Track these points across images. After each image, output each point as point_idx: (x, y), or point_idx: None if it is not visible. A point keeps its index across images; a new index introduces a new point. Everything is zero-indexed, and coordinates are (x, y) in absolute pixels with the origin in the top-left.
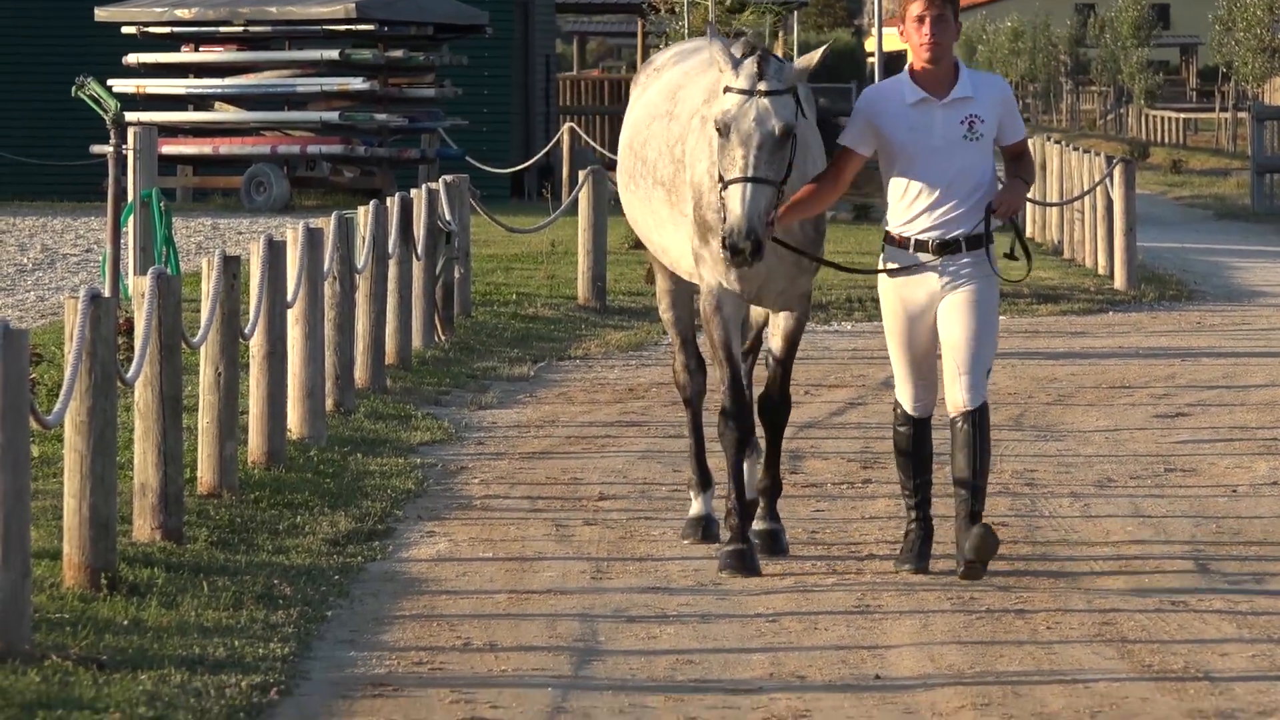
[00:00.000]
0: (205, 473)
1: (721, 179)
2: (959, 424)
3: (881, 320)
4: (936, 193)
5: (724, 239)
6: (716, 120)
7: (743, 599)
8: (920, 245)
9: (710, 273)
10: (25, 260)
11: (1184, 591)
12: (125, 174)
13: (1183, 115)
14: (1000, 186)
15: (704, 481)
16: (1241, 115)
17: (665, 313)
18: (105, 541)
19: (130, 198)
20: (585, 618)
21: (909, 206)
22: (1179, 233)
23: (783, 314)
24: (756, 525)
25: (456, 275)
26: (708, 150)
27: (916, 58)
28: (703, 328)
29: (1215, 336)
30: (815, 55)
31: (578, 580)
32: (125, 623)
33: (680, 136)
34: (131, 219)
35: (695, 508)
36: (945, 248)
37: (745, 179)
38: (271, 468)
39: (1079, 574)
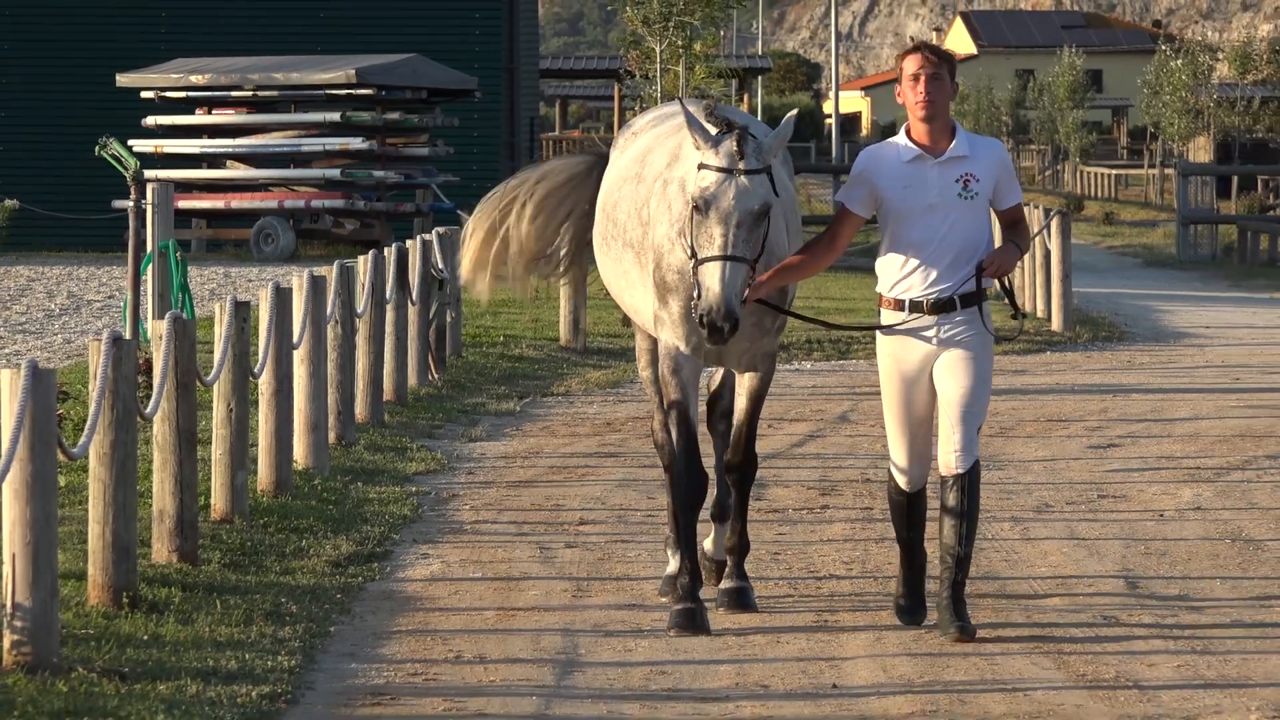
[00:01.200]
0: (218, 500)
1: (695, 254)
2: (949, 486)
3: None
4: (931, 250)
5: (700, 316)
6: (694, 197)
7: (711, 615)
8: (915, 306)
9: (669, 334)
10: (53, 305)
11: (1115, 608)
12: (144, 227)
13: (1114, 171)
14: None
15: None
16: (1168, 171)
17: (644, 370)
18: (126, 563)
19: (149, 248)
20: (567, 632)
21: (904, 264)
22: (1111, 279)
23: (747, 374)
24: (725, 584)
25: (448, 319)
26: (667, 213)
27: (912, 115)
28: (661, 388)
29: (1144, 374)
30: (787, 128)
31: (560, 598)
32: (145, 638)
33: (646, 199)
34: (150, 268)
35: (673, 565)
36: (940, 307)
37: (723, 257)
38: (279, 495)
39: (1019, 593)
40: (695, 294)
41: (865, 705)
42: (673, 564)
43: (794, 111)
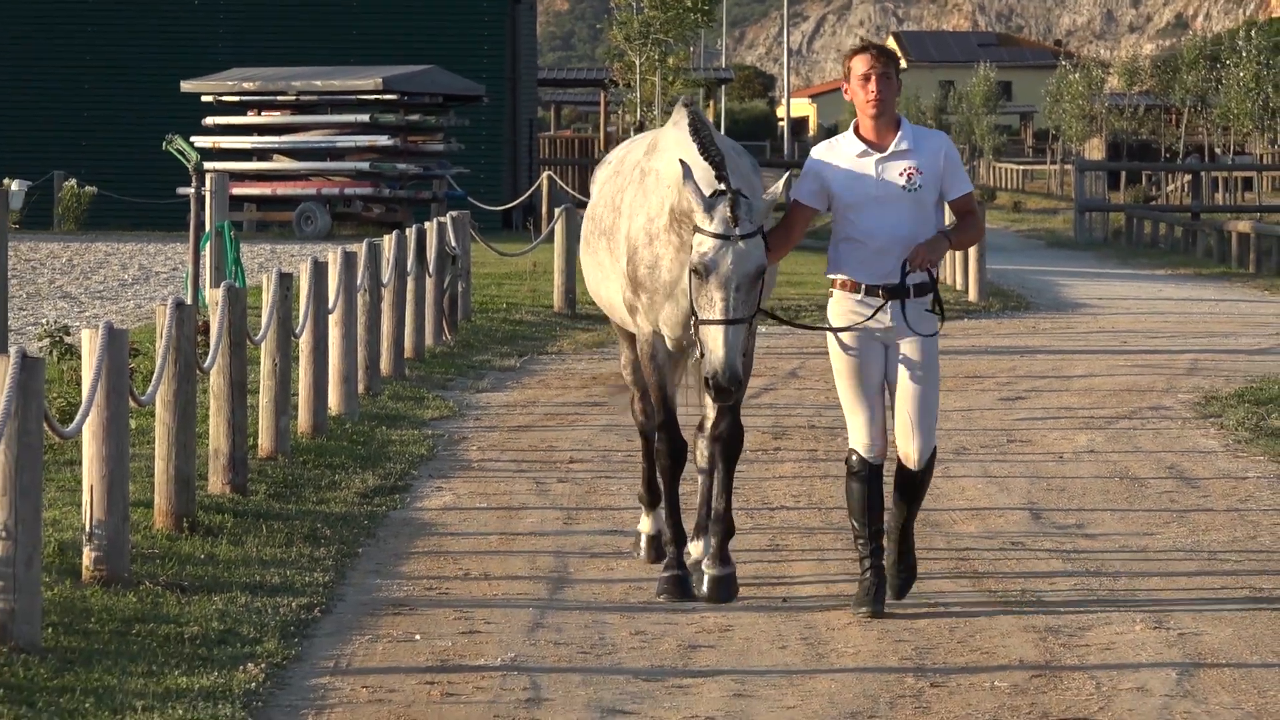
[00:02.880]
0: (264, 440)
1: (696, 316)
2: (906, 472)
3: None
4: (878, 242)
5: (707, 379)
6: (693, 263)
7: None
8: (872, 291)
9: (644, 320)
10: (126, 276)
11: (1021, 535)
12: (203, 210)
13: (1022, 167)
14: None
15: (654, 501)
16: (1067, 167)
17: (628, 375)
18: (187, 494)
19: (207, 228)
20: (558, 554)
21: (851, 255)
22: (1019, 258)
23: None
24: (707, 569)
25: (460, 289)
26: (644, 204)
27: (862, 113)
28: (638, 374)
29: (1046, 338)
30: (779, 189)
31: (553, 525)
32: (202, 556)
33: (621, 188)
34: (208, 245)
35: (645, 524)
36: (895, 292)
37: (726, 321)
38: (316, 437)
39: (940, 522)
40: (699, 352)
41: (810, 617)
42: (645, 523)
43: (789, 173)
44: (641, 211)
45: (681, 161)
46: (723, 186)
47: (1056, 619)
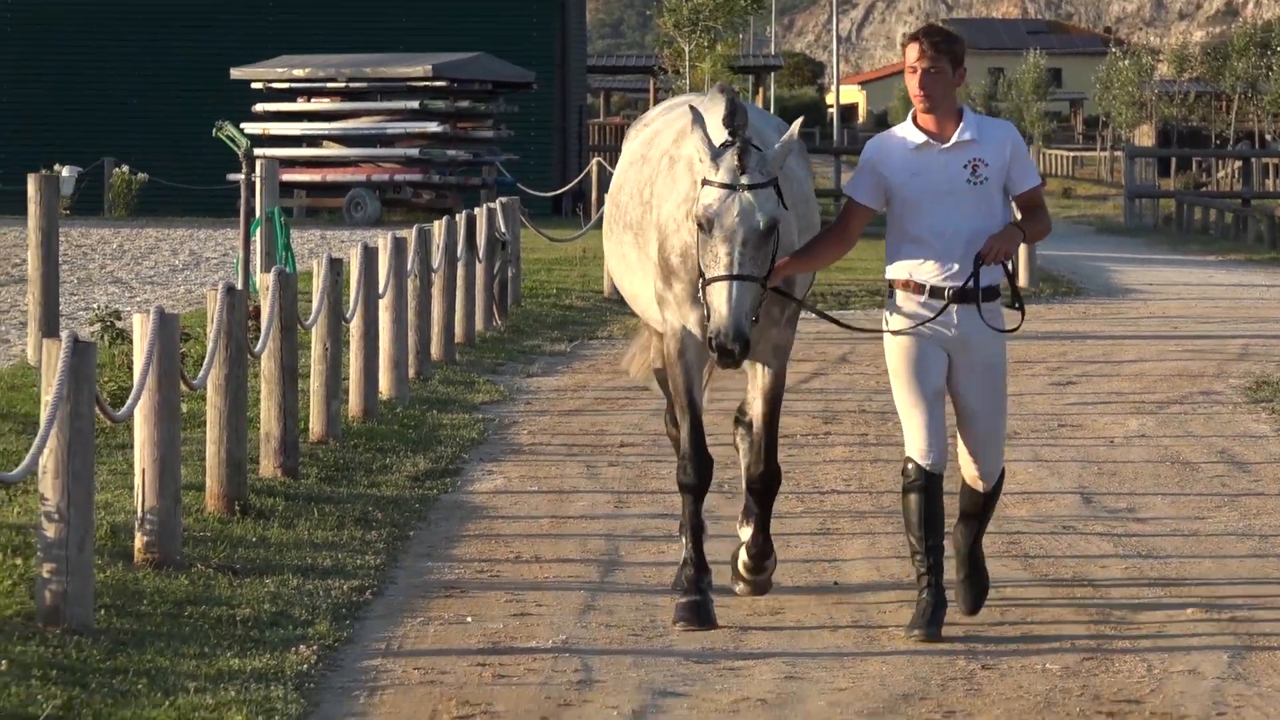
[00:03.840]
0: (315, 424)
1: (703, 275)
2: (972, 497)
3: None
4: (941, 240)
5: (710, 339)
6: (698, 215)
7: (731, 524)
8: (936, 293)
9: (674, 315)
10: (177, 262)
11: (1072, 519)
12: (254, 196)
13: (1072, 154)
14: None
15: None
16: (1117, 154)
17: (657, 385)
18: (238, 477)
19: (258, 214)
20: (609, 537)
21: (915, 254)
22: (1069, 244)
23: (760, 372)
24: (751, 576)
25: (509, 274)
26: (673, 191)
27: (915, 106)
28: (666, 372)
29: (1097, 323)
30: (792, 135)
31: (604, 508)
32: (253, 539)
33: (650, 178)
34: (259, 230)
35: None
36: (963, 297)
37: (730, 277)
38: (367, 421)
39: None
40: (705, 314)
41: (861, 599)
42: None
43: (799, 120)
44: (670, 198)
45: (691, 107)
46: (731, 138)
47: (1108, 602)
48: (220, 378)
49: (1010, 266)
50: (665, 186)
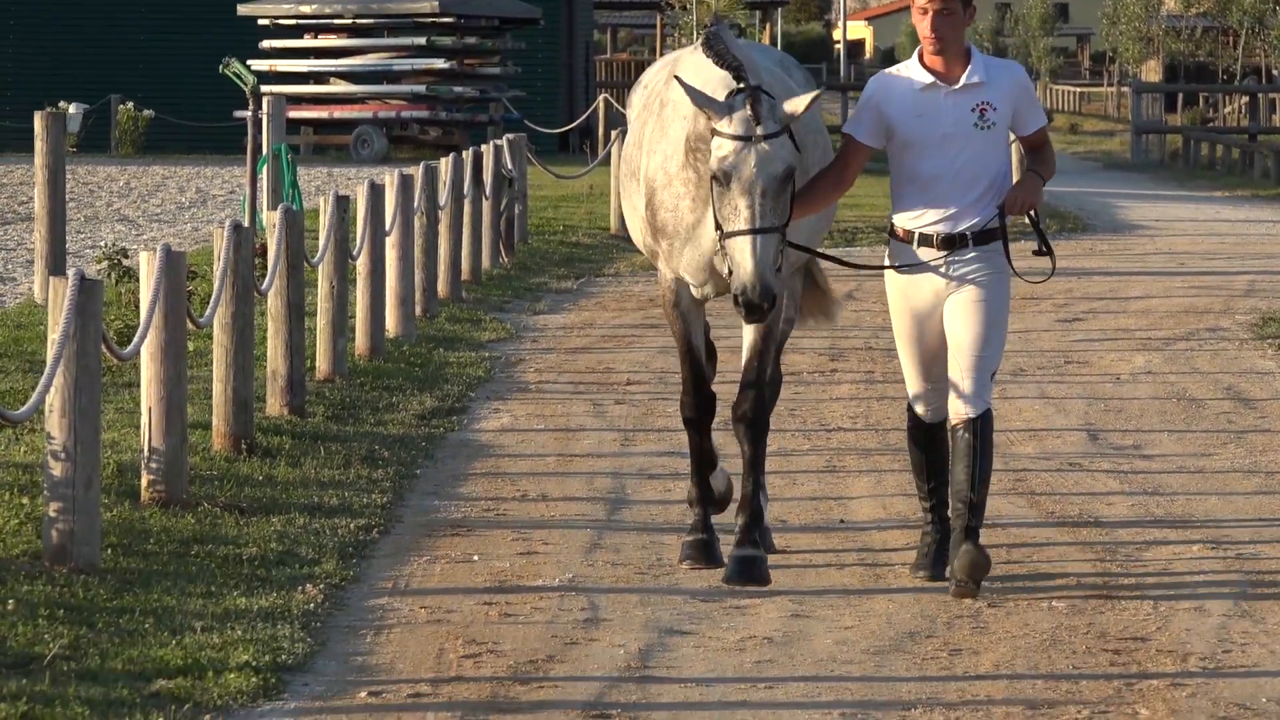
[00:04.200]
0: (322, 363)
1: (720, 228)
2: (959, 433)
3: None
4: (944, 184)
5: (736, 296)
6: (713, 169)
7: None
8: (925, 240)
9: (664, 266)
10: (183, 199)
11: (1078, 456)
12: (260, 133)
13: (1078, 89)
14: (1015, 181)
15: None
16: (1124, 89)
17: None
18: (245, 416)
19: (264, 152)
20: (616, 475)
21: (915, 198)
22: (1075, 180)
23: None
24: (732, 550)
25: (516, 211)
26: (663, 140)
27: (924, 47)
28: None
29: (1103, 259)
30: (804, 101)
31: (610, 446)
32: (260, 478)
33: (645, 121)
34: (265, 168)
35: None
36: (951, 243)
37: (753, 230)
38: (373, 359)
39: (998, 443)
40: (726, 270)
41: (867, 537)
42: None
43: (818, 92)
44: (660, 148)
45: (677, 78)
46: (740, 85)
47: (1114, 539)
48: (227, 316)
49: (1035, 214)
50: (655, 133)
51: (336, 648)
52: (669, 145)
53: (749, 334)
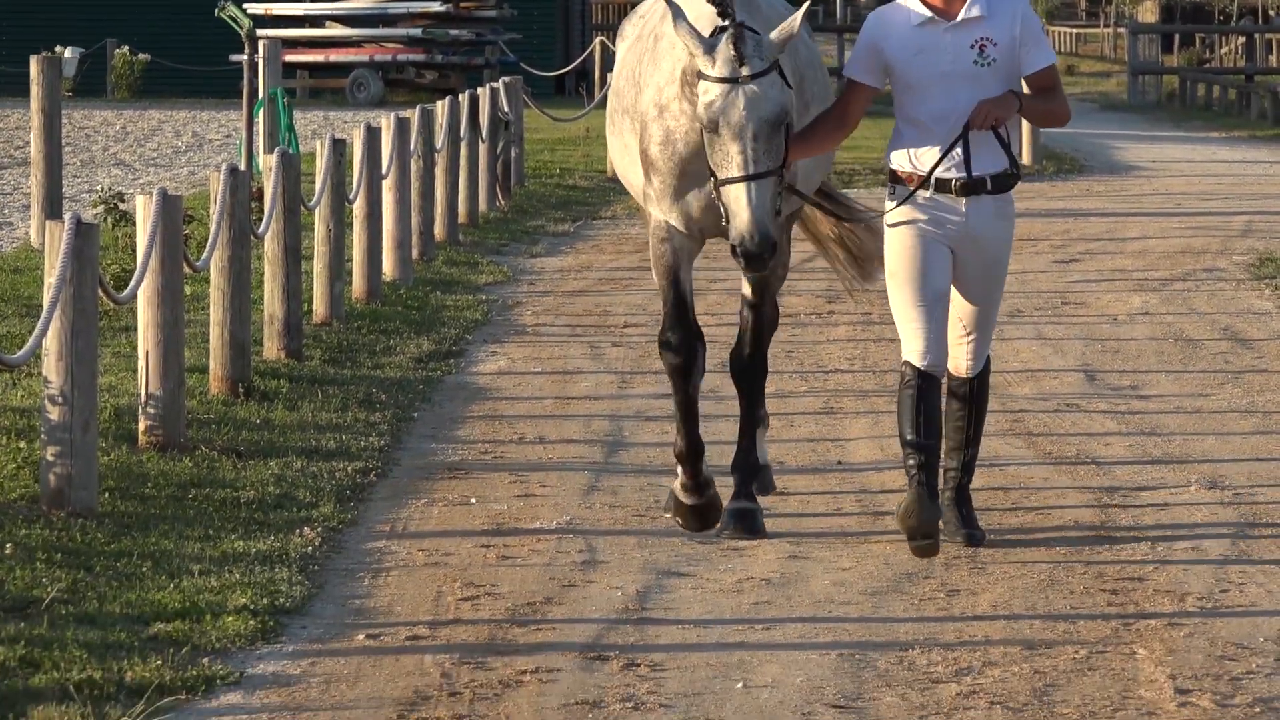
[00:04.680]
0: (319, 306)
1: (714, 176)
2: (958, 388)
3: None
4: (948, 126)
5: (734, 246)
6: (700, 116)
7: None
8: (941, 185)
9: (655, 210)
10: (180, 143)
11: (1076, 396)
12: (256, 77)
13: (1075, 30)
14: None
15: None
16: (1120, 30)
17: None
18: (242, 359)
19: (260, 95)
20: (613, 418)
21: (917, 140)
22: (1072, 121)
23: None
24: (730, 504)
25: (513, 154)
26: (655, 72)
27: None
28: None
29: (1100, 200)
30: (795, 21)
31: (608, 389)
32: (257, 422)
33: (640, 56)
34: (262, 112)
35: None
36: (970, 189)
37: (746, 177)
38: (370, 302)
39: (995, 384)
40: (724, 219)
41: (864, 478)
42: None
43: (806, 5)
44: (652, 82)
45: (668, 2)
46: (724, 22)
47: (1111, 480)
48: (223, 259)
49: (1006, 136)
50: (649, 68)
51: (334, 591)
52: (661, 78)
53: (745, 288)
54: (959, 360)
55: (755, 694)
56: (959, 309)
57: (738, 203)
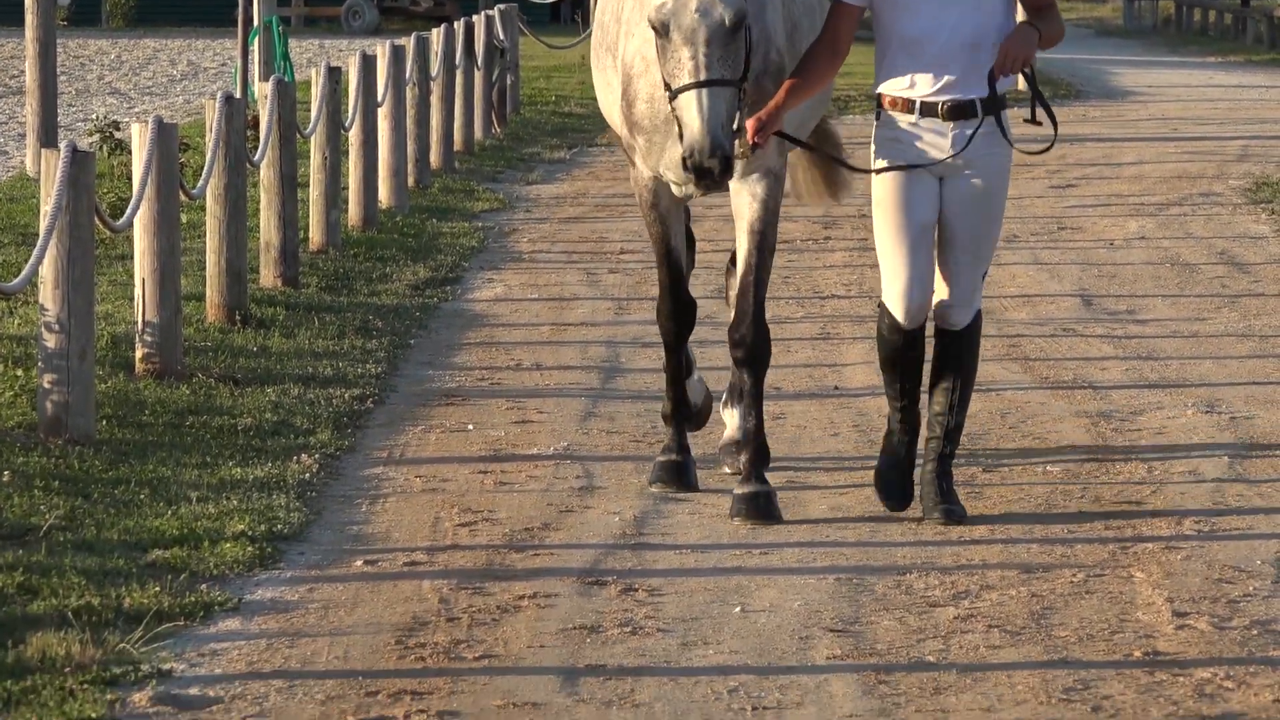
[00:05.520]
0: (315, 234)
1: (668, 87)
2: (946, 341)
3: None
4: (936, 46)
5: (684, 159)
6: (651, 19)
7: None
8: (928, 110)
9: (642, 163)
10: (175, 72)
11: (1072, 321)
12: (252, 5)
13: None
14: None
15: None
16: None
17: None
18: (238, 287)
19: (256, 24)
20: (610, 344)
21: (904, 64)
22: (1068, 47)
23: (745, 201)
24: (739, 489)
25: (508, 82)
26: (640, 16)
27: None
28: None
29: (1096, 125)
30: None
31: (604, 315)
32: (254, 349)
33: None
34: (257, 40)
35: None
36: (959, 112)
37: (698, 83)
38: (366, 230)
39: (992, 309)
40: (678, 133)
41: (861, 404)
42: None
43: None
44: (638, 30)
45: None
46: None
47: (1108, 404)
48: (219, 187)
49: (1031, 73)
50: (634, 11)
51: (332, 517)
52: (646, 29)
53: (743, 244)
54: (944, 310)
55: (753, 618)
56: (947, 251)
57: (689, 112)
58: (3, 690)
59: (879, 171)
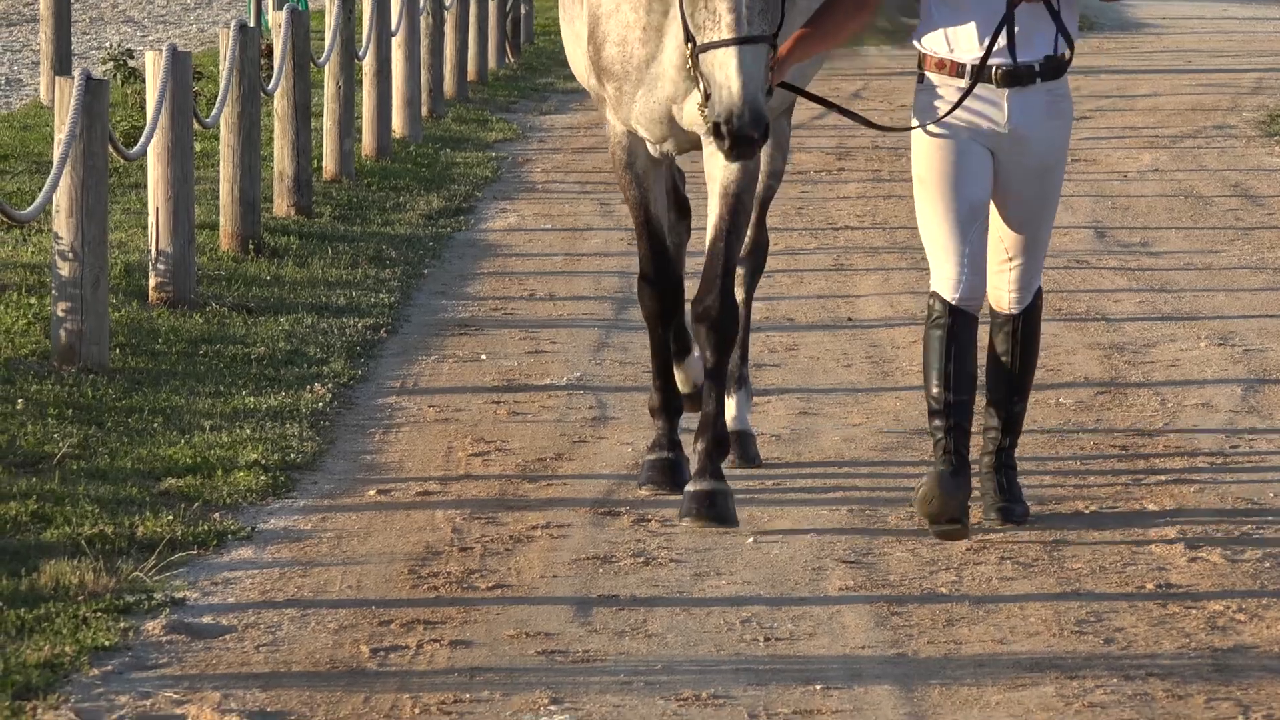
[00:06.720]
0: (328, 163)
1: (692, 40)
2: (1002, 326)
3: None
4: (985, 3)
5: (718, 125)
6: None
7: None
8: (979, 74)
9: (613, 116)
10: (189, 0)
11: (1086, 254)
12: None
13: None
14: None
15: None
16: None
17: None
18: (252, 216)
19: None
20: (623, 274)
21: (948, 19)
22: None
23: (721, 157)
24: (691, 485)
25: (522, 11)
26: None
27: None
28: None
29: (1111, 58)
30: None
31: (618, 246)
32: (268, 278)
33: None
34: None
35: (679, 378)
36: (1014, 79)
37: (737, 40)
38: (380, 159)
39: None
40: (702, 93)
41: (875, 335)
42: (679, 377)
43: None
44: None
45: None
46: None
47: (1122, 336)
48: (233, 116)
49: (1056, 4)
50: None
51: (345, 446)
52: None
53: (714, 207)
54: (1001, 292)
55: (765, 549)
56: (1001, 228)
57: (724, 71)
58: (16, 618)
59: (922, 127)
